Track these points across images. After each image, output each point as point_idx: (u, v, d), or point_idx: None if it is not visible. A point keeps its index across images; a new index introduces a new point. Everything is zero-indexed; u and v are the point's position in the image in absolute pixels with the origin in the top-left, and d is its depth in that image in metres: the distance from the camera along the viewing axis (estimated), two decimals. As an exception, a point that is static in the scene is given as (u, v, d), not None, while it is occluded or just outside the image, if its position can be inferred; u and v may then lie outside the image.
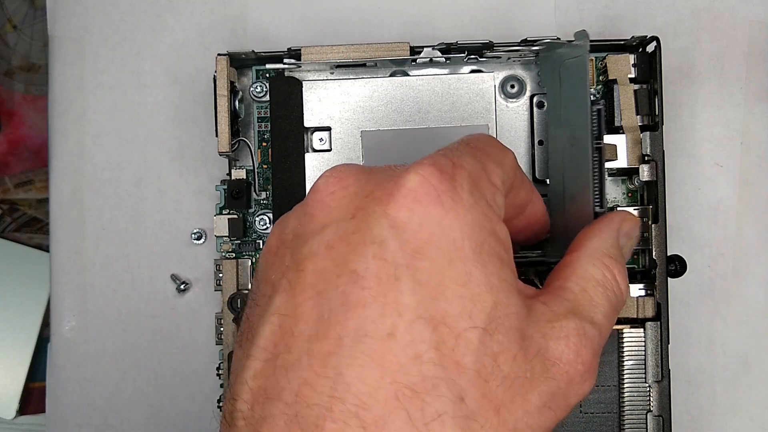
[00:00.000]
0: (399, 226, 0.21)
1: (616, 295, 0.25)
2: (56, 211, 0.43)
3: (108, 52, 0.43)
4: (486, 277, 0.21)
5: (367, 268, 0.20)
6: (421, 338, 0.20)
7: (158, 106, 0.43)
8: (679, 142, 0.41)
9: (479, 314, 0.20)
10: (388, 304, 0.20)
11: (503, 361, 0.21)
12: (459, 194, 0.21)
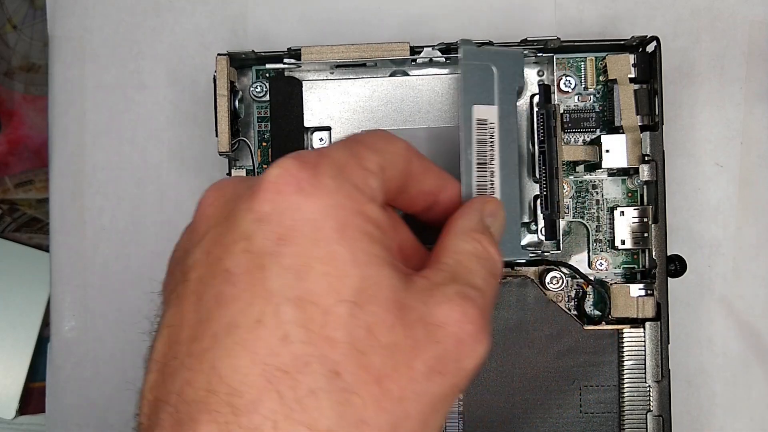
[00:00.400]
0: (263, 219, 0.21)
1: (490, 262, 0.26)
2: (56, 211, 0.43)
3: (108, 52, 0.43)
4: (351, 253, 0.21)
5: (238, 263, 0.21)
6: (288, 319, 0.20)
7: (158, 106, 0.43)
8: (679, 142, 0.41)
9: (346, 289, 0.21)
10: (256, 293, 0.20)
11: (379, 332, 0.21)
12: (320, 180, 0.22)
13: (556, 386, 0.36)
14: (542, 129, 0.36)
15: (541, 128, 0.36)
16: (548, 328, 0.36)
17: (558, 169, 0.35)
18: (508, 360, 0.36)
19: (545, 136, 0.35)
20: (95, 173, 0.43)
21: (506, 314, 0.36)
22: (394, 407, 0.20)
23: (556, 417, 0.36)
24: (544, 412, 0.36)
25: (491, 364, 0.36)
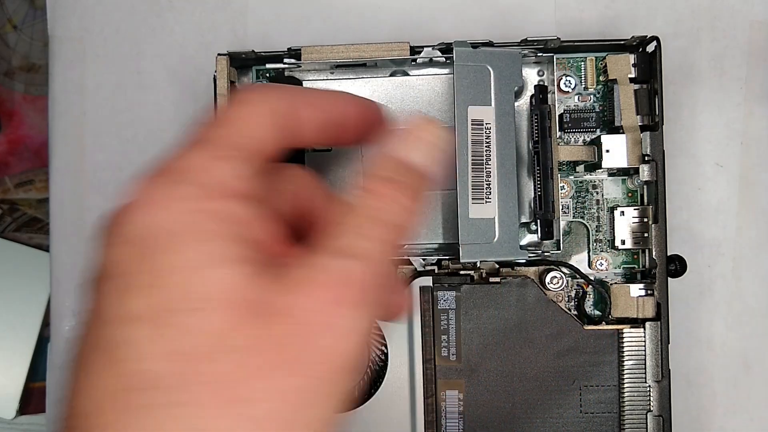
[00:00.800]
0: (113, 239, 0.23)
1: (389, 215, 0.23)
2: (56, 211, 0.43)
3: (108, 52, 0.43)
4: (192, 259, 0.20)
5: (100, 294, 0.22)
6: (140, 337, 0.20)
7: (159, 106, 0.43)
8: (679, 142, 0.41)
9: (191, 297, 0.20)
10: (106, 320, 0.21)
11: (228, 336, 0.20)
12: (155, 188, 0.22)
13: (556, 386, 0.36)
14: (537, 129, 0.36)
15: (536, 129, 0.36)
16: (548, 328, 0.36)
17: (553, 170, 0.35)
18: (508, 360, 0.36)
19: (540, 137, 0.35)
20: (95, 173, 0.43)
21: (506, 314, 0.36)
22: (241, 411, 0.19)
23: (556, 417, 0.36)
24: (544, 412, 0.36)
25: (492, 363, 0.36)
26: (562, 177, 0.38)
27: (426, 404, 0.36)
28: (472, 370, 0.36)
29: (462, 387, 0.36)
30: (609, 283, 0.38)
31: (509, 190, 0.35)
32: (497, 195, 0.35)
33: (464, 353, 0.36)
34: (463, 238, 0.34)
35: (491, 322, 0.36)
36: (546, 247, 0.37)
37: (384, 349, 0.36)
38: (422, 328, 0.36)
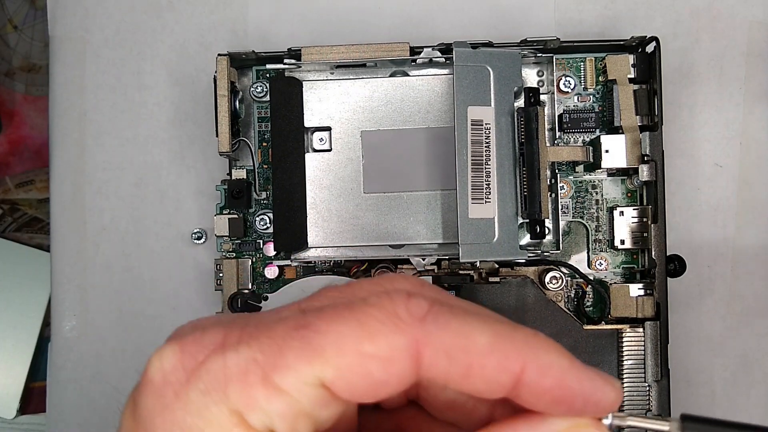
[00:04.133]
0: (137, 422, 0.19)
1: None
2: (57, 211, 0.43)
3: (108, 53, 0.43)
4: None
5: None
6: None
7: (159, 106, 0.43)
8: (678, 142, 0.41)
9: None
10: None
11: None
12: (187, 393, 0.18)
13: (555, 386, 0.36)
14: (523, 131, 0.35)
15: (522, 130, 0.35)
16: (548, 328, 0.36)
17: (540, 171, 0.35)
18: (507, 360, 0.36)
19: (526, 138, 0.35)
20: (96, 173, 0.43)
21: (506, 314, 0.36)
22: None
23: (555, 416, 0.36)
24: (543, 412, 0.36)
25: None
26: (562, 177, 0.38)
27: (426, 404, 0.36)
28: (472, 369, 0.36)
29: (462, 386, 0.36)
30: (608, 282, 0.38)
31: (509, 190, 0.35)
32: (497, 195, 0.35)
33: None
34: (462, 238, 0.34)
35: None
36: (545, 247, 0.37)
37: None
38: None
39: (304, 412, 0.18)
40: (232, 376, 0.17)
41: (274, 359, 0.17)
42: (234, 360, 0.18)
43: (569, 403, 0.18)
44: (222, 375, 0.18)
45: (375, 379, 0.18)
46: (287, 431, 0.18)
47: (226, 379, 0.17)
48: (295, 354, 0.17)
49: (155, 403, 0.18)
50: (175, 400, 0.18)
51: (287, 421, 0.18)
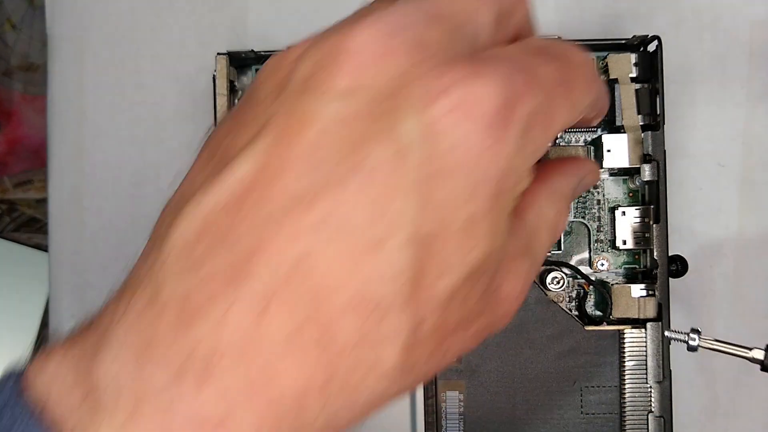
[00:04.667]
0: (433, 136, 0.18)
1: (557, 237, 0.25)
2: (55, 211, 0.43)
3: (107, 52, 0.43)
4: (491, 227, 0.19)
5: (379, 164, 0.18)
6: (407, 261, 0.18)
7: (158, 105, 0.43)
8: (680, 141, 0.41)
9: (472, 260, 0.19)
10: (386, 213, 0.18)
11: (469, 302, 0.20)
12: (507, 133, 0.19)
13: (557, 387, 0.36)
14: None
15: None
16: (549, 329, 0.36)
17: None
18: (509, 361, 0.36)
19: None
20: (94, 173, 0.43)
21: (507, 315, 0.36)
22: (438, 361, 0.20)
23: (557, 418, 0.36)
24: (545, 413, 0.36)
25: (492, 364, 0.36)
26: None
27: (426, 405, 0.36)
28: (473, 371, 0.36)
29: (462, 388, 0.36)
30: (610, 283, 0.38)
31: None
32: None
33: (465, 354, 0.36)
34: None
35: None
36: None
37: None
38: (422, 329, 0.36)
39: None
40: (533, 125, 0.19)
41: (549, 114, 0.20)
42: (535, 108, 0.19)
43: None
44: (528, 123, 0.19)
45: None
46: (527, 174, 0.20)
47: (531, 125, 0.19)
48: (565, 109, 0.21)
49: (475, 135, 0.19)
50: (497, 141, 0.19)
51: (544, 150, 0.21)
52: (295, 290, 0.18)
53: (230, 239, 0.18)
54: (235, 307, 0.18)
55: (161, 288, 0.19)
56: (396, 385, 0.20)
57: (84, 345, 0.20)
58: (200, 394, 0.18)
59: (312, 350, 0.18)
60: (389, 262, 0.18)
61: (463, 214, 0.19)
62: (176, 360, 0.18)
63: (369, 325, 0.18)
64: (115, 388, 0.18)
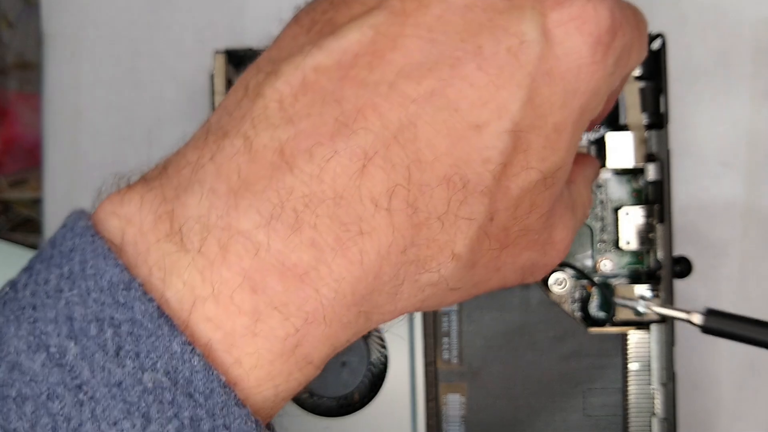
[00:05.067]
0: (549, 39, 0.20)
1: (585, 217, 0.27)
2: (50, 211, 0.42)
3: (103, 50, 0.43)
4: (569, 140, 0.21)
5: (496, 53, 0.19)
6: (500, 149, 0.19)
7: (155, 104, 0.42)
8: (684, 140, 0.41)
9: (549, 166, 0.21)
10: (494, 100, 0.19)
11: (533, 215, 0.21)
12: (607, 55, 0.20)
13: (559, 389, 0.36)
14: None
15: None
16: (552, 331, 0.36)
17: None
18: (511, 363, 0.36)
19: None
20: (90, 172, 0.42)
21: (509, 317, 0.36)
22: (489, 275, 0.22)
23: (559, 420, 0.36)
24: (547, 416, 0.36)
25: (494, 367, 0.36)
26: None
27: (427, 408, 0.36)
28: (475, 373, 0.36)
29: (464, 390, 0.36)
30: (613, 284, 0.37)
31: None
32: None
33: (466, 356, 0.36)
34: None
35: (494, 324, 0.36)
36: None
37: (384, 352, 0.35)
38: (423, 331, 0.35)
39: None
40: (625, 53, 0.22)
41: (630, 50, 0.22)
42: (629, 41, 0.22)
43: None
44: (623, 50, 0.22)
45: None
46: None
47: (624, 53, 0.22)
48: (637, 51, 0.23)
49: (585, 48, 0.20)
50: (601, 58, 0.20)
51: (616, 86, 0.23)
52: (396, 154, 0.18)
53: (334, 98, 0.19)
54: (334, 160, 0.18)
55: (255, 137, 0.19)
56: (457, 276, 0.20)
57: (163, 188, 0.19)
58: (290, 241, 0.18)
59: (400, 213, 0.18)
60: (486, 145, 0.19)
61: (553, 119, 0.20)
62: (268, 205, 0.18)
63: (453, 203, 0.19)
64: (202, 229, 0.18)
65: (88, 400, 0.17)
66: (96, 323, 0.17)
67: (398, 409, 0.35)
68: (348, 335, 0.19)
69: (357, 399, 0.36)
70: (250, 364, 0.18)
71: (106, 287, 0.18)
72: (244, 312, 0.18)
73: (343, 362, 0.35)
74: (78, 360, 0.17)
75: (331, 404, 0.36)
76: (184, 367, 0.17)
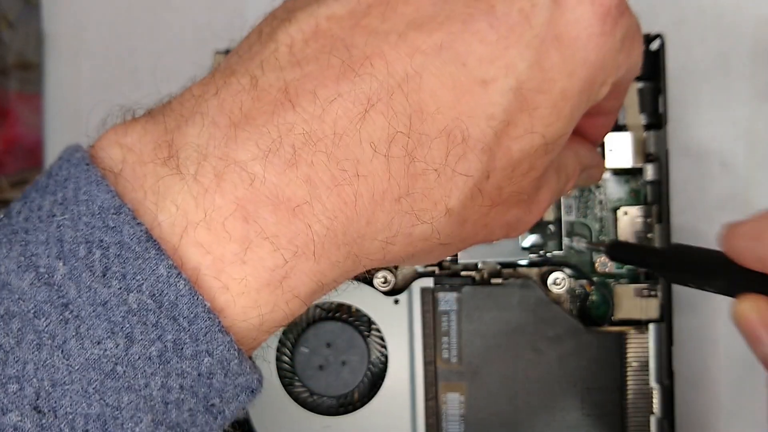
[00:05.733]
0: (561, 4, 0.20)
1: (563, 190, 0.27)
2: (51, 211, 0.42)
3: (104, 50, 0.43)
4: (572, 109, 0.21)
5: (507, 13, 0.20)
6: (504, 107, 0.20)
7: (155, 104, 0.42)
8: (683, 141, 0.41)
9: (553, 132, 0.21)
10: (502, 58, 0.19)
11: (527, 177, 0.22)
12: (615, 29, 0.21)
13: (558, 388, 0.36)
14: None
15: None
16: (551, 330, 0.36)
17: None
18: (510, 362, 0.36)
19: None
20: (91, 172, 0.42)
21: (508, 316, 0.36)
22: (479, 231, 0.22)
23: (558, 420, 0.36)
24: (546, 415, 0.36)
25: (493, 366, 0.36)
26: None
27: (427, 407, 0.36)
28: (474, 372, 0.36)
29: (463, 390, 0.36)
30: (612, 284, 0.37)
31: None
32: None
33: (466, 355, 0.36)
34: (464, 238, 0.34)
35: (493, 324, 0.36)
36: (548, 247, 0.37)
37: (384, 351, 0.36)
38: (423, 330, 0.35)
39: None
40: (631, 35, 0.23)
41: (634, 37, 0.24)
42: (633, 24, 0.23)
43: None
44: (628, 30, 0.22)
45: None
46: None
47: (629, 34, 0.23)
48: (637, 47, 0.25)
49: (595, 20, 0.21)
50: (610, 32, 0.21)
51: (618, 76, 0.24)
52: (399, 101, 0.19)
53: (344, 44, 0.19)
54: (338, 102, 0.18)
55: (261, 76, 0.19)
56: (448, 230, 0.21)
57: (166, 119, 0.20)
58: (285, 175, 0.18)
59: (398, 161, 0.19)
60: (490, 101, 0.19)
61: (561, 85, 0.20)
62: (268, 138, 0.18)
63: (452, 156, 0.19)
64: (199, 157, 0.18)
65: (74, 318, 0.17)
66: (85, 245, 0.17)
67: (398, 408, 0.35)
68: (335, 274, 0.20)
69: (357, 398, 0.36)
70: (237, 291, 0.18)
71: (97, 212, 0.18)
72: (235, 239, 0.18)
73: (343, 361, 0.35)
74: (65, 279, 0.17)
75: (331, 403, 0.36)
76: (170, 290, 0.17)
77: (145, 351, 0.17)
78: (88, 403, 0.17)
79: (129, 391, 0.17)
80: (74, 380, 0.17)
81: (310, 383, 0.35)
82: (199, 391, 0.18)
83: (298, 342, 0.35)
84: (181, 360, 0.17)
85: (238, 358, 0.18)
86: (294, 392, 0.35)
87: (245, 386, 0.19)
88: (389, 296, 0.35)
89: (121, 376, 0.17)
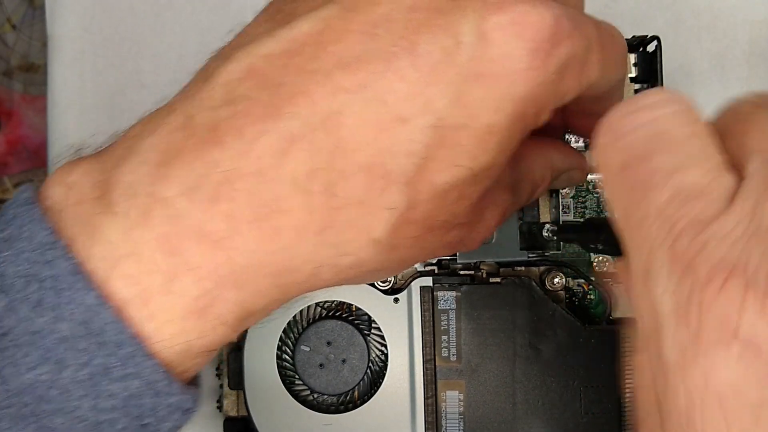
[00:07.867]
0: (486, 41, 0.20)
1: (531, 197, 0.27)
2: (55, 211, 0.43)
3: (107, 52, 0.43)
4: (502, 143, 0.21)
5: (431, 51, 0.20)
6: (424, 143, 0.20)
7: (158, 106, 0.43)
8: (679, 142, 0.41)
9: (480, 164, 0.21)
10: (421, 95, 0.20)
11: (460, 205, 0.22)
12: (547, 62, 0.21)
13: (557, 386, 0.36)
14: None
15: None
16: (549, 329, 0.36)
17: None
18: (508, 360, 0.36)
19: None
20: (94, 173, 0.43)
21: (506, 315, 0.36)
22: (415, 253, 0.23)
23: (556, 417, 0.36)
24: (544, 413, 0.36)
25: (492, 364, 0.36)
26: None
27: (426, 405, 0.36)
28: (473, 370, 0.36)
29: (462, 388, 0.36)
30: (610, 283, 0.38)
31: None
32: None
33: (464, 354, 0.36)
34: (463, 238, 0.34)
35: (491, 322, 0.36)
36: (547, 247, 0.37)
37: (384, 350, 0.36)
38: (422, 329, 0.36)
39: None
40: (570, 63, 0.22)
41: (585, 59, 0.23)
42: (577, 50, 0.22)
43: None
44: (568, 59, 0.21)
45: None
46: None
47: (569, 62, 0.21)
48: (597, 61, 0.23)
49: (522, 51, 0.21)
50: (539, 65, 0.21)
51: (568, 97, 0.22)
52: (320, 139, 0.19)
53: (275, 83, 0.20)
54: (261, 141, 0.19)
55: (195, 115, 0.21)
56: (377, 259, 0.21)
57: (107, 159, 0.21)
58: (208, 211, 0.19)
59: (318, 196, 0.20)
60: (409, 138, 0.20)
61: (485, 121, 0.20)
62: (193, 176, 0.19)
63: (373, 191, 0.20)
64: (130, 195, 0.20)
65: (12, 346, 0.19)
66: (24, 279, 0.19)
67: (397, 406, 0.36)
68: (263, 303, 0.21)
69: (357, 396, 0.36)
70: (163, 319, 0.20)
71: (37, 247, 0.19)
72: (161, 271, 0.19)
73: (343, 360, 0.35)
74: (5, 311, 0.19)
75: (331, 401, 0.36)
76: (98, 319, 0.19)
77: (76, 374, 0.19)
78: (23, 426, 0.18)
79: (62, 414, 0.19)
80: (12, 404, 0.18)
81: (310, 381, 0.35)
82: (131, 411, 0.20)
83: (299, 340, 0.35)
84: (111, 382, 0.19)
85: (166, 380, 0.20)
86: (294, 390, 0.36)
87: (178, 406, 0.21)
88: (389, 295, 0.36)
89: (54, 398, 0.19)
